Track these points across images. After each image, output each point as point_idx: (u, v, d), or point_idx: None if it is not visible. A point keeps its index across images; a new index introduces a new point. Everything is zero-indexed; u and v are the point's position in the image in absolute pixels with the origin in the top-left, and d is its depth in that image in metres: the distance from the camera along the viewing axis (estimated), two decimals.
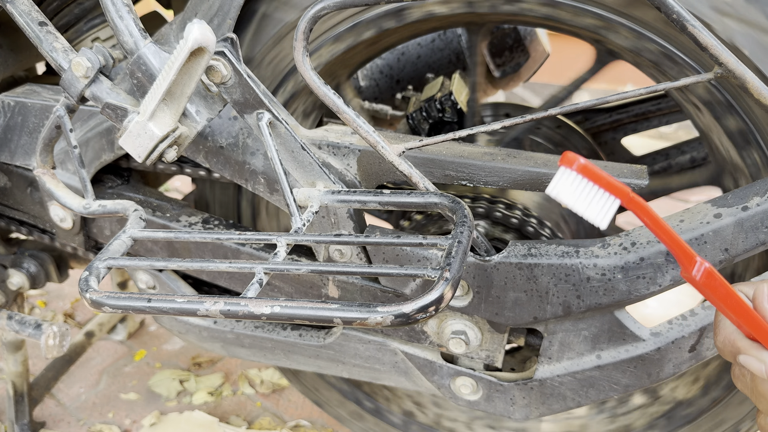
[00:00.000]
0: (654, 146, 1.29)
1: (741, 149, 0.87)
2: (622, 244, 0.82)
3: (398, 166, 0.81)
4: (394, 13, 0.91)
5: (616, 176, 0.82)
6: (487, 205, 1.00)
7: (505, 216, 0.99)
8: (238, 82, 0.82)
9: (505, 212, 0.99)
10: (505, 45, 1.41)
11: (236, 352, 1.12)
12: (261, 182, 0.94)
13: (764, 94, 0.70)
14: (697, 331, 0.84)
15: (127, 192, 1.13)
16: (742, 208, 0.78)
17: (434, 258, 0.88)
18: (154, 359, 1.77)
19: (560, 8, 0.85)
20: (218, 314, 0.65)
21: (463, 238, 0.69)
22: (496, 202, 1.01)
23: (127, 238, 0.78)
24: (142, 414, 1.59)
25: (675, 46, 0.82)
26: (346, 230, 0.91)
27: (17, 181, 1.15)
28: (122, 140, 0.83)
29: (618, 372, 0.88)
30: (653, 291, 0.82)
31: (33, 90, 1.11)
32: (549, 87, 3.25)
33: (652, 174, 1.24)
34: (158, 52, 0.83)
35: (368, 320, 0.62)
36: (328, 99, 0.78)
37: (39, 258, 1.31)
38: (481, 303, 0.89)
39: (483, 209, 1.00)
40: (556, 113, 0.76)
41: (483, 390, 0.98)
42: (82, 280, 0.71)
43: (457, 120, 1.15)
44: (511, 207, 1.02)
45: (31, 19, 0.90)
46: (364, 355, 1.02)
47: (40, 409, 1.61)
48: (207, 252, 1.03)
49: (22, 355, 1.44)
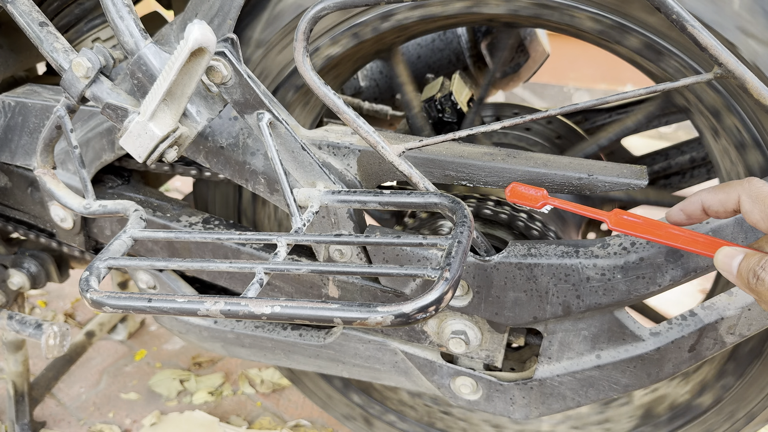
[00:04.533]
0: (654, 146, 1.29)
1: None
2: (621, 244, 0.83)
3: (398, 166, 0.81)
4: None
5: (616, 176, 0.82)
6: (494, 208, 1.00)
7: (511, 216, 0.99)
8: (239, 83, 0.82)
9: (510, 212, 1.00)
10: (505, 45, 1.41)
11: (236, 351, 1.12)
12: (261, 182, 0.94)
13: (764, 95, 0.70)
14: (696, 331, 0.84)
15: (128, 192, 1.13)
16: None
17: (434, 258, 0.88)
18: (154, 359, 1.78)
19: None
20: (218, 314, 0.65)
21: (463, 238, 0.69)
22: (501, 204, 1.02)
23: (128, 238, 0.79)
24: (142, 414, 1.59)
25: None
26: (346, 230, 0.91)
27: (18, 181, 1.15)
28: (123, 140, 0.83)
29: (618, 372, 0.88)
30: (653, 291, 0.82)
31: (33, 90, 1.11)
32: (549, 87, 3.25)
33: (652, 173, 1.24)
34: (159, 53, 0.83)
35: (368, 320, 0.62)
36: (328, 99, 0.78)
37: (39, 258, 1.31)
38: (481, 303, 0.89)
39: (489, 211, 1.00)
40: (556, 113, 0.76)
41: (483, 390, 0.98)
42: (83, 280, 0.71)
43: (457, 120, 1.15)
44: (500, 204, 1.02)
45: (32, 19, 0.90)
46: (364, 354, 1.03)
47: (41, 409, 1.61)
48: (207, 252, 1.03)
49: (23, 354, 1.45)
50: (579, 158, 0.87)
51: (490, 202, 1.02)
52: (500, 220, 1.00)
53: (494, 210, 1.00)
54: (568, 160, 0.86)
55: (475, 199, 1.03)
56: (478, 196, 1.04)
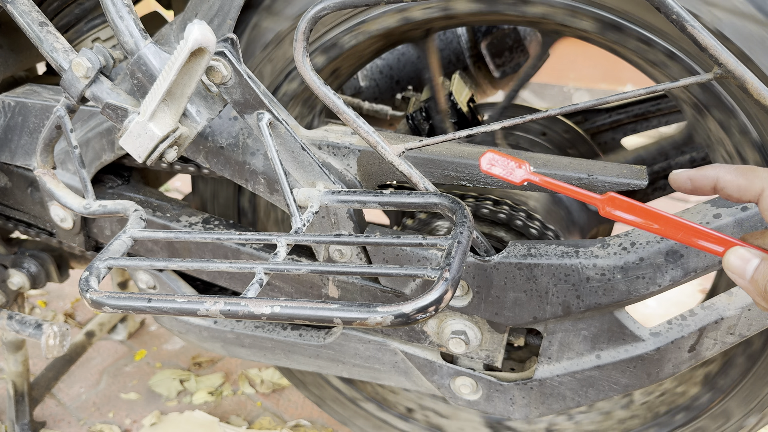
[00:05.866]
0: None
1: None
2: (621, 244, 0.83)
3: (398, 166, 0.81)
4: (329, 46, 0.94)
5: (615, 176, 0.82)
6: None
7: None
8: (239, 83, 0.82)
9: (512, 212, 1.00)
10: (505, 45, 1.41)
11: (236, 351, 1.12)
12: (261, 182, 0.94)
13: (764, 95, 0.70)
14: (696, 331, 0.84)
15: (128, 192, 1.13)
16: (742, 208, 0.78)
17: (434, 258, 0.88)
18: (154, 359, 1.78)
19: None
20: (218, 314, 0.65)
21: (463, 239, 0.69)
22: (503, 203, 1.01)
23: (128, 239, 0.79)
24: (142, 414, 1.59)
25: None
26: (346, 230, 0.91)
27: (18, 181, 1.15)
28: (122, 140, 0.83)
29: (617, 372, 0.88)
30: (653, 291, 0.82)
31: (33, 90, 1.11)
32: (549, 87, 3.25)
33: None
34: (158, 53, 0.83)
35: (368, 320, 0.62)
36: (328, 99, 0.78)
37: (39, 258, 1.31)
38: (481, 303, 0.89)
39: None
40: (556, 113, 0.76)
41: (483, 390, 0.98)
42: (83, 280, 0.71)
43: (457, 120, 1.15)
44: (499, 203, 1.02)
45: (32, 19, 0.90)
46: (364, 355, 1.03)
47: (41, 409, 1.61)
48: (207, 252, 1.03)
49: (23, 354, 1.45)
50: (579, 158, 0.87)
51: (487, 201, 1.02)
52: (499, 220, 1.00)
53: (492, 209, 1.00)
54: (568, 160, 0.86)
55: (473, 198, 1.03)
56: (476, 195, 1.04)
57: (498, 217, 0.99)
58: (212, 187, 1.14)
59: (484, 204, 1.00)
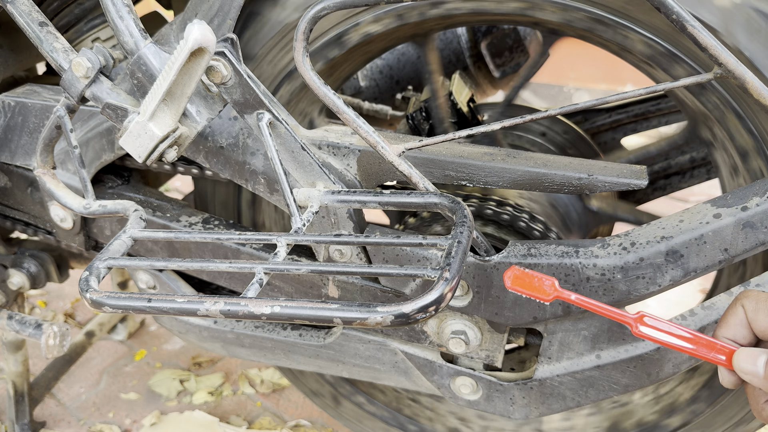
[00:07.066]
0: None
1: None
2: (621, 244, 0.82)
3: (398, 166, 0.81)
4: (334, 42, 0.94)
5: (615, 176, 0.82)
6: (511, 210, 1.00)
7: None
8: (239, 83, 0.82)
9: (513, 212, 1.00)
10: (505, 45, 1.41)
11: (236, 351, 1.12)
12: (261, 182, 0.94)
13: (764, 95, 0.70)
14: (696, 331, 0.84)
15: (128, 192, 1.13)
16: (742, 208, 0.78)
17: (434, 258, 0.88)
18: (154, 359, 1.78)
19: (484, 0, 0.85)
20: (218, 314, 0.65)
21: (463, 238, 0.69)
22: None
23: (128, 238, 0.79)
24: (142, 414, 1.59)
25: (602, 10, 0.83)
26: (346, 230, 0.91)
27: (18, 181, 1.15)
28: (122, 140, 0.83)
29: (617, 372, 0.88)
30: (653, 291, 0.82)
31: (33, 90, 1.11)
32: (549, 87, 3.25)
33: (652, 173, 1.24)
34: (158, 53, 0.83)
35: (368, 320, 0.62)
36: (328, 99, 0.78)
37: (39, 258, 1.31)
38: (481, 303, 0.89)
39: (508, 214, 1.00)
40: (555, 113, 0.76)
41: (483, 390, 0.98)
42: (83, 280, 0.71)
43: (457, 120, 1.15)
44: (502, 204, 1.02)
45: (32, 19, 0.90)
46: (364, 354, 1.03)
47: (41, 409, 1.61)
48: (207, 252, 1.03)
49: (23, 354, 1.45)
50: (578, 158, 0.87)
51: (491, 202, 1.02)
52: (502, 220, 1.00)
53: (496, 210, 1.00)
54: (567, 160, 0.86)
55: (476, 199, 1.03)
56: (480, 196, 1.04)
57: (501, 217, 0.99)
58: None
59: (487, 204, 1.01)
